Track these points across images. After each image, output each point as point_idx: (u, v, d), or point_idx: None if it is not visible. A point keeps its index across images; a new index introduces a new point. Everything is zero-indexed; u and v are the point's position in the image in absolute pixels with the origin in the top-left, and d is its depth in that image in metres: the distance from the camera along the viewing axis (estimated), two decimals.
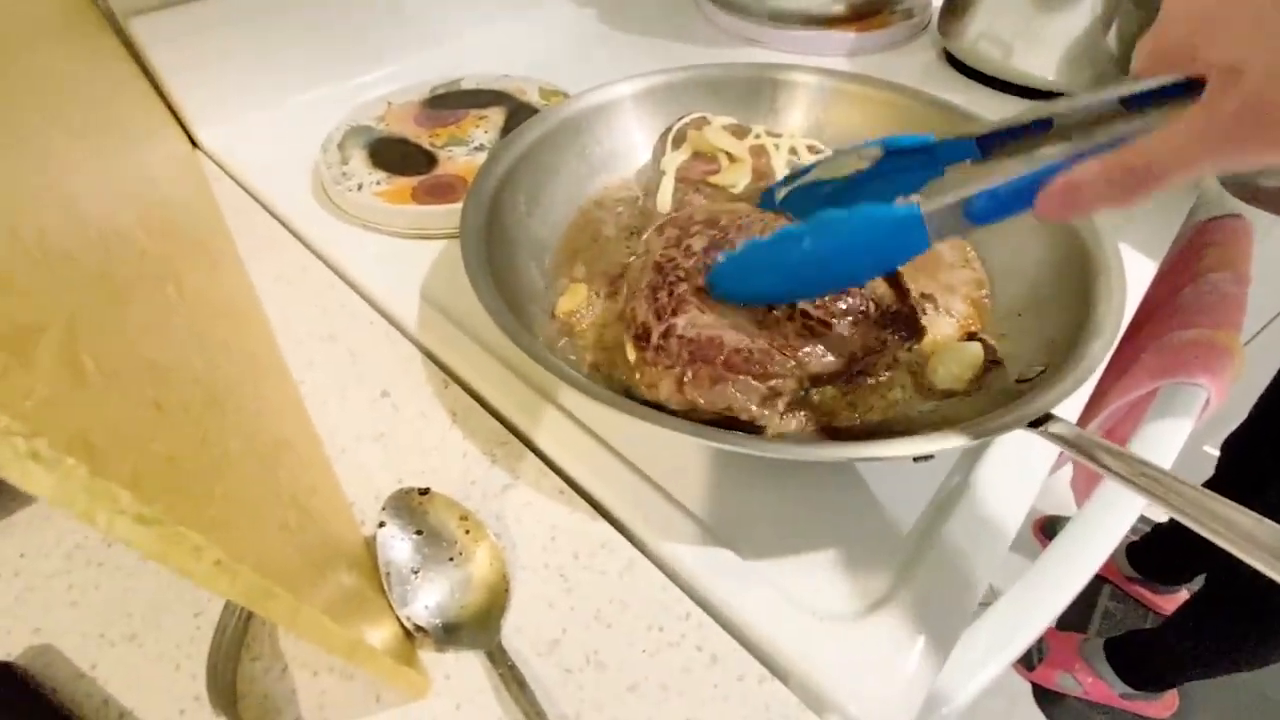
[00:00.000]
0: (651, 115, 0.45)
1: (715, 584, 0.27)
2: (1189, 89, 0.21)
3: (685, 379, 0.29)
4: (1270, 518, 0.20)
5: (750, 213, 0.37)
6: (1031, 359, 0.31)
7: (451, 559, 0.26)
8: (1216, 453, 1.07)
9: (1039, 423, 0.26)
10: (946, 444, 0.25)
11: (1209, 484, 1.07)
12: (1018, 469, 0.31)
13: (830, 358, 0.30)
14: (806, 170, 0.35)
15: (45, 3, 0.37)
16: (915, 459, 0.27)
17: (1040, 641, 1.16)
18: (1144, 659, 1.06)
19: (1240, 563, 0.20)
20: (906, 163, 0.31)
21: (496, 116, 0.52)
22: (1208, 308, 0.51)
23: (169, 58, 0.49)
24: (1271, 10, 0.17)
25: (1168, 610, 1.18)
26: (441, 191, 0.45)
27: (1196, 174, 0.19)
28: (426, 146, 0.49)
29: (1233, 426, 1.02)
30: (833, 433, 0.31)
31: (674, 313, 0.31)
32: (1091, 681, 1.09)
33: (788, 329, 0.30)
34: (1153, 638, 1.04)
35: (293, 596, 0.15)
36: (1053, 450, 0.32)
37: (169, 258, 0.23)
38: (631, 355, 0.32)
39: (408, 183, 0.46)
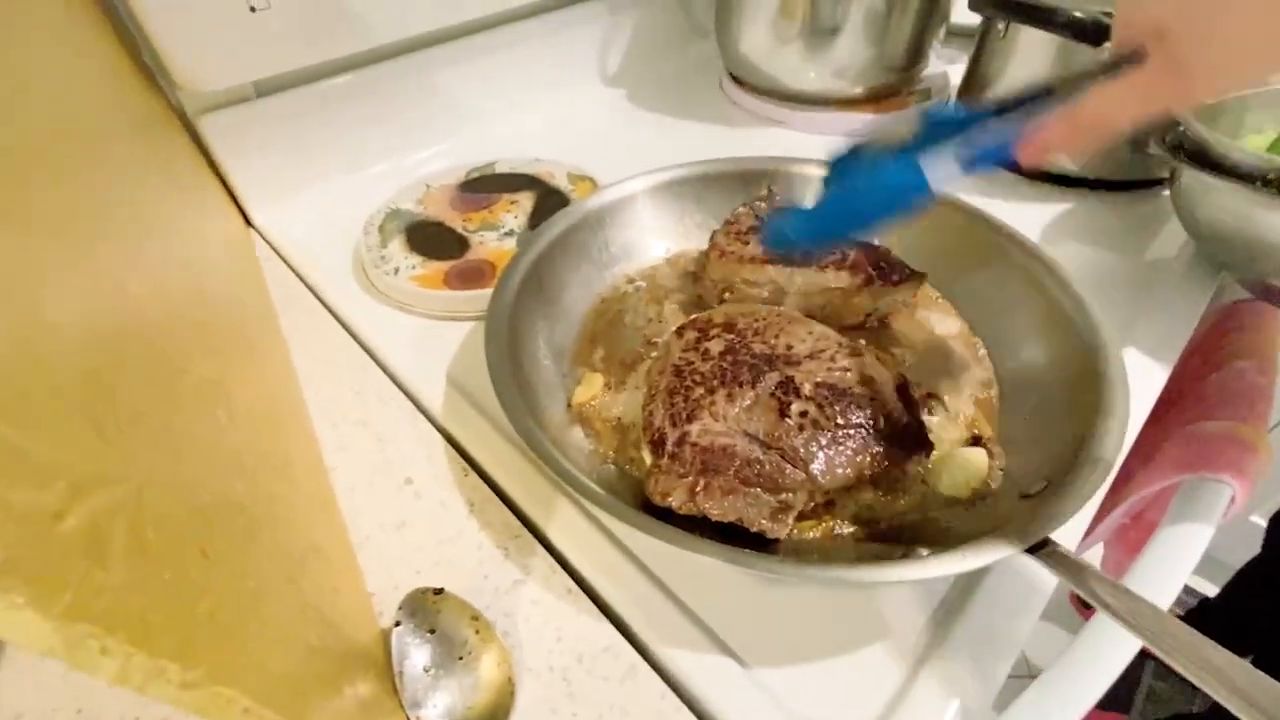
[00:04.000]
0: (668, 207, 0.48)
1: (714, 693, 0.27)
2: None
3: (698, 489, 0.30)
4: None
5: (768, 314, 0.38)
6: (1036, 469, 0.32)
7: (461, 658, 0.27)
8: (1263, 523, 1.02)
9: (1037, 548, 0.26)
10: (943, 570, 0.25)
11: (1257, 559, 1.02)
12: (1023, 580, 0.31)
13: (841, 472, 0.31)
14: (865, 144, 0.37)
15: (126, 103, 0.41)
16: None
17: None
18: None
19: None
20: (942, 131, 0.33)
21: (526, 202, 0.55)
22: (1234, 398, 0.51)
23: (230, 147, 0.53)
24: None
25: None
26: (472, 276, 0.48)
27: (1133, 122, 0.24)
28: (460, 231, 0.52)
29: None
30: (839, 542, 0.31)
31: (689, 419, 0.32)
32: None
33: (798, 441, 0.31)
34: None
35: None
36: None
37: (220, 376, 0.25)
38: (647, 458, 0.33)
39: (441, 267, 0.49)
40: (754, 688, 0.28)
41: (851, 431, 0.31)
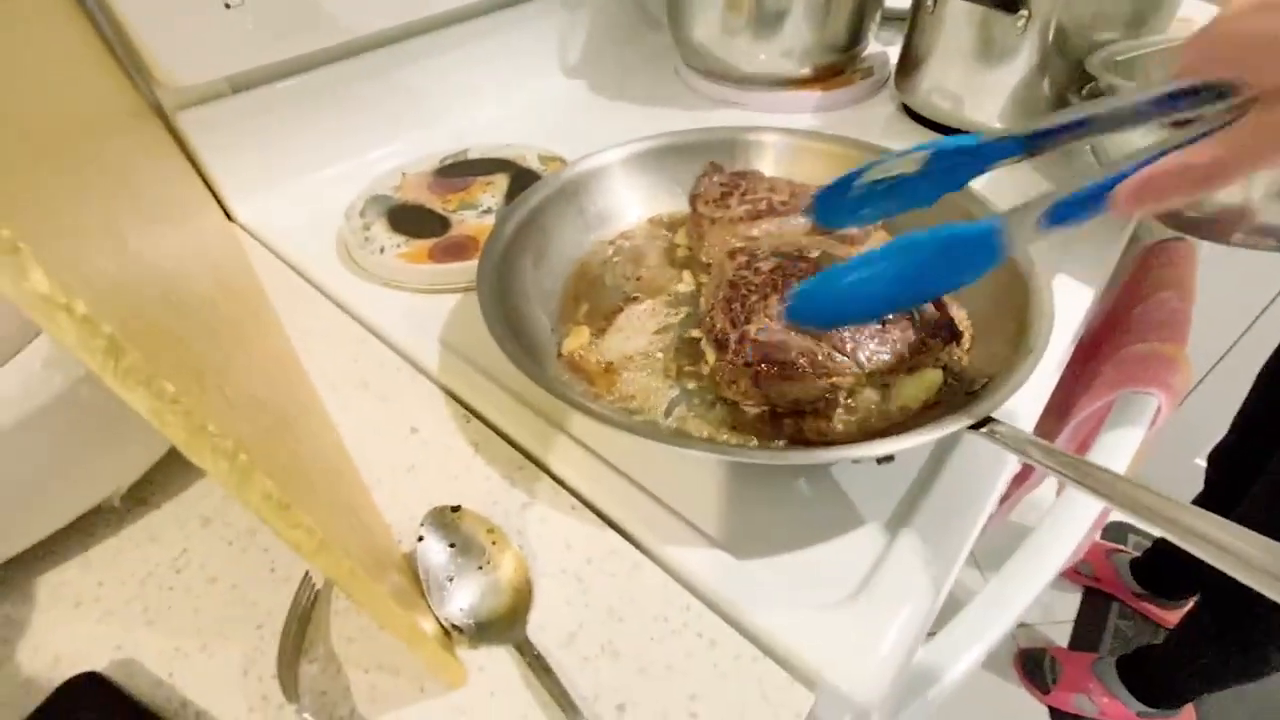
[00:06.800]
0: (640, 176, 0.51)
1: (712, 579, 0.30)
2: (1221, 94, 0.23)
3: (761, 375, 0.34)
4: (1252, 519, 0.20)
5: (809, 242, 0.42)
6: (980, 373, 0.36)
7: (481, 566, 0.30)
8: (1204, 463, 1.10)
9: (980, 425, 0.30)
10: (900, 446, 0.29)
11: (1199, 497, 1.10)
12: (976, 472, 0.35)
13: (883, 357, 0.34)
14: (858, 173, 0.35)
15: (116, 100, 0.43)
16: (879, 461, 0.31)
17: (1053, 663, 1.16)
18: (1156, 676, 1.06)
19: (1229, 575, 0.22)
20: (953, 162, 0.32)
21: (501, 182, 0.58)
22: (1157, 324, 0.56)
23: (209, 143, 0.55)
24: None
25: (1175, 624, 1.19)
26: (456, 251, 0.50)
27: (1253, 172, 0.23)
28: (440, 211, 0.55)
29: (1218, 439, 1.05)
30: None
31: (747, 320, 0.36)
32: (1107, 701, 1.08)
33: (846, 333, 0.35)
34: (1162, 654, 1.04)
35: (370, 580, 0.19)
36: (1006, 455, 0.36)
37: (239, 318, 0.27)
38: (711, 358, 0.37)
39: (425, 245, 0.51)
40: (747, 572, 0.31)
41: (891, 323, 0.35)
